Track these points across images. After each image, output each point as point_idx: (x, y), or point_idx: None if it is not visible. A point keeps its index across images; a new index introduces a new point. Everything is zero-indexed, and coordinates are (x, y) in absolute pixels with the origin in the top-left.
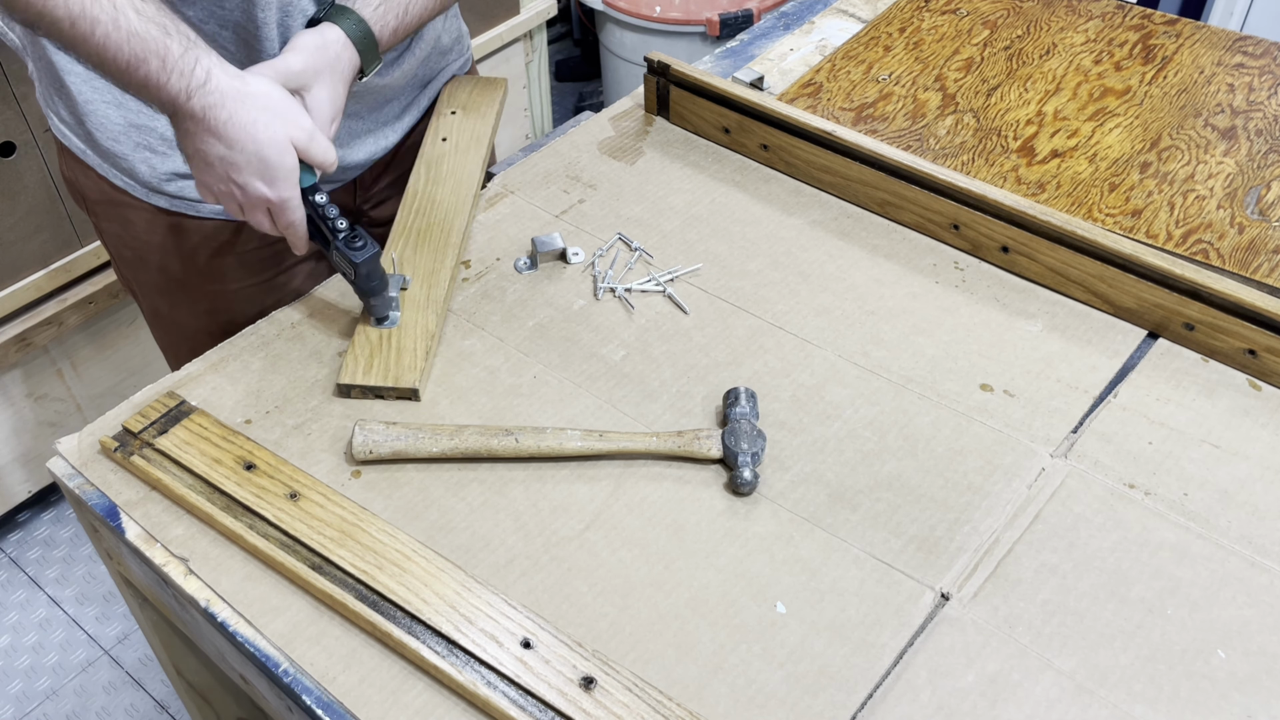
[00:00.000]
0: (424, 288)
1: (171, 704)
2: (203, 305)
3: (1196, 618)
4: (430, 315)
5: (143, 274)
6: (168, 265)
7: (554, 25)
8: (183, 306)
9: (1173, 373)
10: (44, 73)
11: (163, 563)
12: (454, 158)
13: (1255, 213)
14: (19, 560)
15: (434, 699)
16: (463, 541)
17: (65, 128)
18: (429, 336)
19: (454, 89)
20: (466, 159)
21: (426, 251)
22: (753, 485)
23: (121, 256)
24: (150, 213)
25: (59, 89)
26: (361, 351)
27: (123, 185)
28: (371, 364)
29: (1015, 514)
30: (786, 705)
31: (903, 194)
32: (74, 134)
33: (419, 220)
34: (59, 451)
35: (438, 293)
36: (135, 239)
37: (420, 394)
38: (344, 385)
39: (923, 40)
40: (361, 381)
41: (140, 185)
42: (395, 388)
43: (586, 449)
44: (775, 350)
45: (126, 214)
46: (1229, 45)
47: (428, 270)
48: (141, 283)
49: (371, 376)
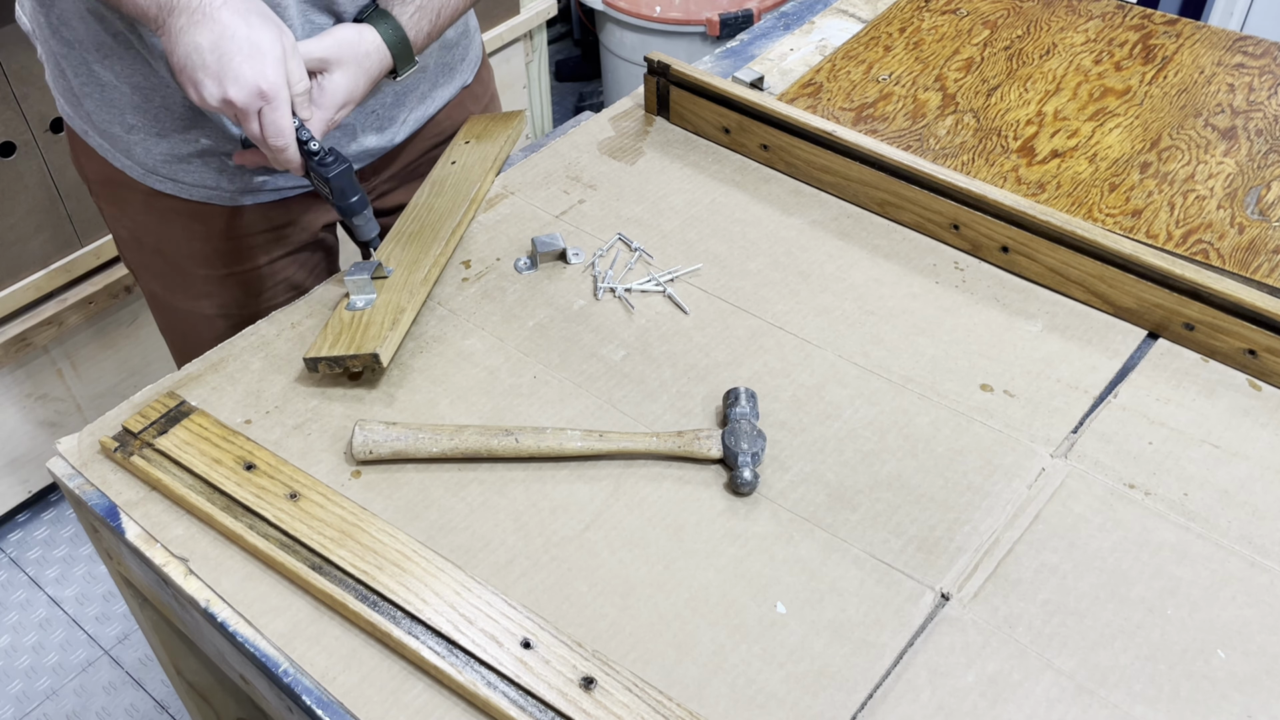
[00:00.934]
0: (404, 273)
1: (171, 704)
2: (196, 289)
3: (1196, 618)
4: (404, 295)
5: (141, 256)
6: (164, 248)
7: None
8: (177, 290)
9: (1173, 373)
10: (50, 53)
11: (163, 563)
12: (459, 174)
13: (1255, 213)
14: (19, 560)
15: (434, 699)
16: (463, 541)
17: (70, 109)
18: (398, 311)
19: (472, 124)
20: (471, 174)
21: (414, 247)
22: (753, 485)
23: (121, 238)
24: (146, 195)
25: (63, 68)
26: (332, 330)
27: (120, 166)
28: (339, 339)
29: (1015, 514)
30: (786, 705)
31: (903, 194)
32: (76, 114)
33: (413, 225)
34: (59, 451)
35: (416, 277)
36: (133, 220)
37: (384, 359)
38: (310, 359)
39: (923, 40)
40: (326, 354)
41: (137, 166)
42: (357, 355)
43: (586, 449)
44: (775, 350)
45: (125, 195)
46: (1229, 45)
47: (410, 260)
48: (140, 265)
49: (337, 348)
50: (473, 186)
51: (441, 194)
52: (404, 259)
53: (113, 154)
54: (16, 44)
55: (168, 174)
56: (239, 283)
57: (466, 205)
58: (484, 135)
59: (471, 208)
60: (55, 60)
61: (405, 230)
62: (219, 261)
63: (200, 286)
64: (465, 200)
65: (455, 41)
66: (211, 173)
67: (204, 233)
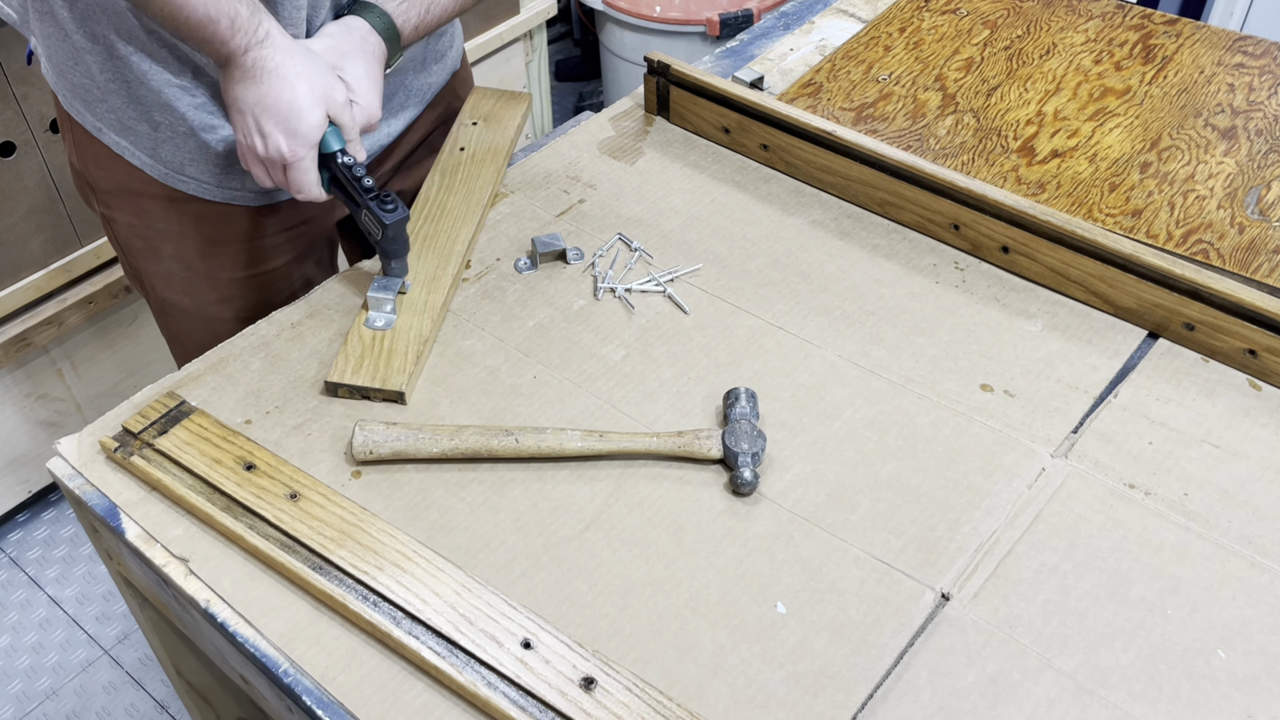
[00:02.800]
0: (423, 293)
1: (171, 704)
2: (216, 294)
3: (1197, 618)
4: (425, 320)
5: (155, 264)
6: (182, 253)
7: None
8: (193, 295)
9: (1173, 373)
10: (56, 51)
11: (163, 563)
12: (469, 167)
13: (1255, 213)
14: (19, 560)
15: (434, 699)
16: (463, 541)
17: (81, 106)
18: (421, 341)
19: (478, 100)
20: (482, 169)
21: (430, 257)
22: (753, 485)
23: (132, 248)
24: (166, 199)
25: (75, 66)
26: (353, 351)
27: (140, 165)
28: (361, 364)
29: (1015, 514)
30: (787, 705)
31: (903, 194)
32: (89, 113)
33: (426, 226)
34: (59, 451)
35: (436, 298)
36: (149, 228)
37: (407, 398)
38: (332, 383)
39: (923, 40)
40: (350, 381)
41: (161, 166)
42: (382, 389)
43: (587, 449)
44: (775, 350)
45: (141, 202)
46: (1229, 45)
47: (429, 276)
48: (152, 274)
49: (360, 376)
50: (485, 188)
51: (453, 191)
52: (422, 274)
53: (133, 153)
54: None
55: (194, 174)
56: (261, 284)
57: (480, 211)
58: (491, 117)
59: (484, 212)
60: (74, 55)
61: (419, 231)
62: (243, 263)
63: (223, 290)
64: (478, 204)
65: (444, 29)
66: (238, 173)
67: (229, 235)
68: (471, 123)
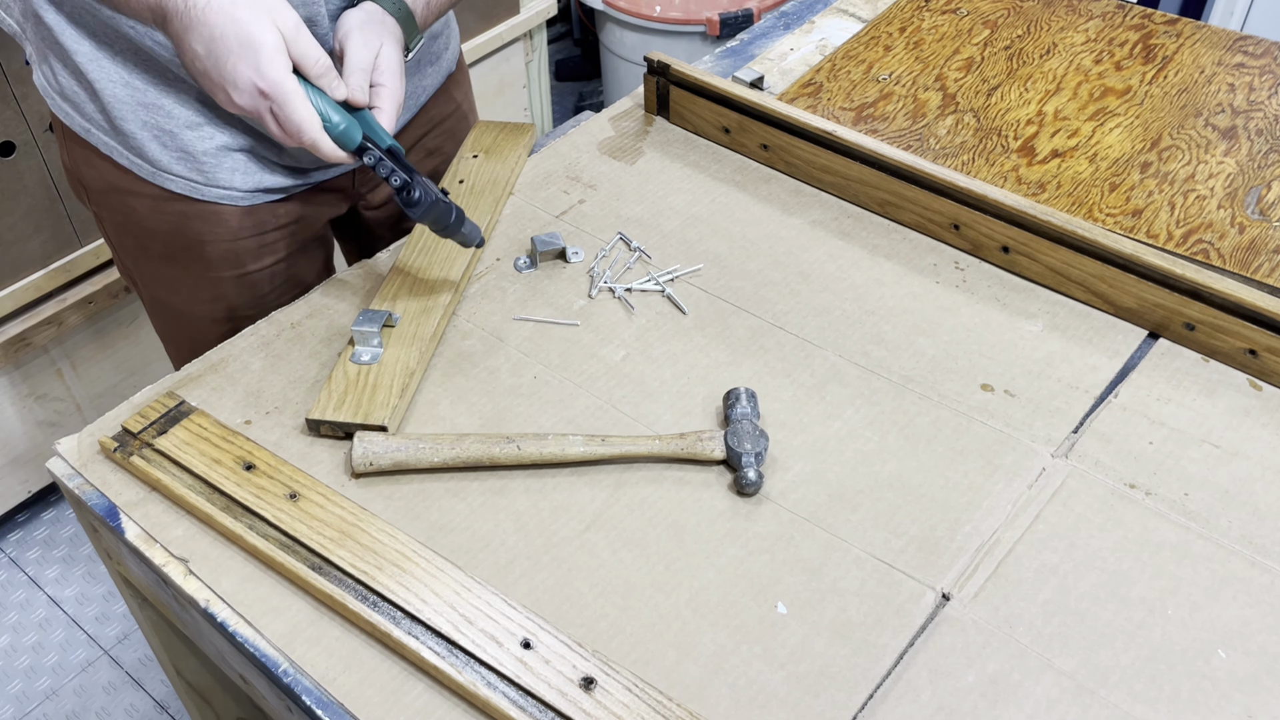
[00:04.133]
0: (412, 325)
1: (171, 704)
2: (206, 293)
3: (1197, 618)
4: (413, 352)
5: (145, 263)
6: (172, 252)
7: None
8: (185, 294)
9: (1173, 373)
10: (46, 53)
11: (163, 563)
12: (468, 199)
13: (1256, 213)
14: (19, 560)
15: (434, 699)
16: (463, 542)
17: (70, 108)
18: (407, 374)
19: (480, 133)
20: (481, 200)
21: (422, 293)
22: (758, 485)
23: (123, 246)
24: (155, 197)
25: (64, 68)
26: (336, 387)
27: (128, 165)
28: (344, 400)
29: (1016, 514)
30: (787, 706)
31: (903, 194)
32: (78, 114)
33: (421, 258)
34: (59, 452)
35: (425, 330)
36: (138, 226)
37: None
38: (313, 420)
39: (923, 40)
40: (330, 418)
41: (149, 165)
42: (364, 424)
43: (589, 454)
44: (775, 350)
45: (130, 201)
46: (1229, 45)
47: (419, 309)
48: (143, 272)
49: (342, 413)
50: (482, 220)
51: None
52: (412, 306)
53: (121, 152)
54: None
55: (182, 172)
56: (251, 283)
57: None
58: (493, 150)
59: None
60: (63, 56)
61: (412, 263)
62: (233, 262)
63: (213, 289)
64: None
65: (439, 32)
66: (226, 171)
67: (218, 234)
68: (473, 155)
